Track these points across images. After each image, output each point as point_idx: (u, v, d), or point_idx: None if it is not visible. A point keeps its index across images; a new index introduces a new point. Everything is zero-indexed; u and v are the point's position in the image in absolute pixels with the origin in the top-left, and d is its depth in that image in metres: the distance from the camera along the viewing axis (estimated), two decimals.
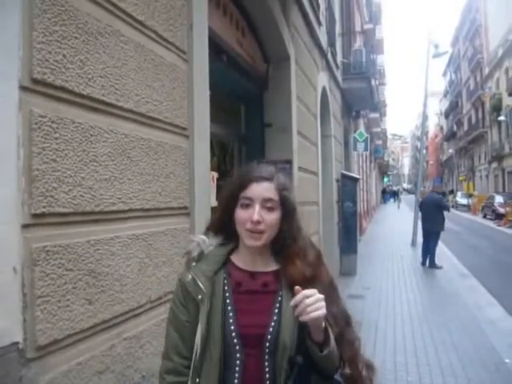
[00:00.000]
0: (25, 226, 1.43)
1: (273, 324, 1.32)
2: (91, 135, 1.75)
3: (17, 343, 1.39)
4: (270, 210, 1.33)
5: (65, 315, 1.59)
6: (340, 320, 1.37)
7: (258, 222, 1.31)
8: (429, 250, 10.64)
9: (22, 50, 1.44)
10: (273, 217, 1.34)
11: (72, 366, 1.61)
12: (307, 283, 1.29)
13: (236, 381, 1.30)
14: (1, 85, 1.39)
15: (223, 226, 1.43)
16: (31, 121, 1.46)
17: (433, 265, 10.44)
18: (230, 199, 1.38)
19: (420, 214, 11.52)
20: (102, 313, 1.79)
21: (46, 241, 1.51)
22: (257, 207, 1.32)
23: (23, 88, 1.44)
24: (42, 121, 1.50)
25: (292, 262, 1.36)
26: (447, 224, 11.34)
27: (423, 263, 10.69)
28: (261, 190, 1.33)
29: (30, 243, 1.44)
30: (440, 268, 10.24)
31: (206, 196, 2.73)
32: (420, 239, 11.53)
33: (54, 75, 1.56)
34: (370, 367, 1.41)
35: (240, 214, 1.34)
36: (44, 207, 1.50)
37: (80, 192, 1.68)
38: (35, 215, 1.47)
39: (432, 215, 10.66)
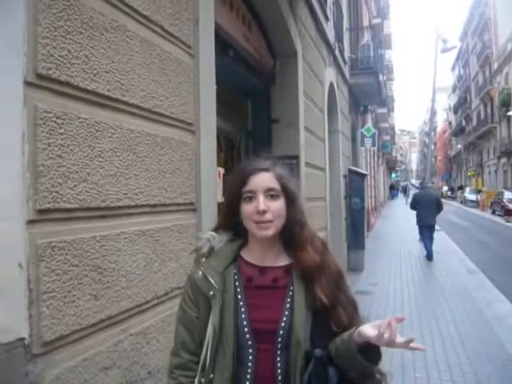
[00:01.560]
0: (30, 222, 1.43)
1: (284, 319, 1.32)
2: (96, 131, 1.75)
3: (23, 339, 1.39)
4: (274, 198, 1.34)
5: (70, 311, 1.59)
6: (349, 307, 1.38)
7: (264, 212, 1.31)
8: (431, 242, 10.97)
9: (27, 45, 1.44)
10: (278, 204, 1.34)
11: (78, 362, 1.61)
12: (318, 269, 1.34)
13: (249, 376, 1.31)
14: (5, 80, 1.39)
15: (231, 223, 1.43)
16: (36, 116, 1.46)
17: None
18: (232, 198, 1.38)
19: (417, 211, 11.41)
20: (108, 308, 1.79)
21: (52, 236, 1.51)
22: (260, 197, 1.32)
23: (28, 83, 1.44)
24: (47, 116, 1.50)
25: (304, 249, 1.37)
26: (455, 219, 11.48)
27: (429, 258, 10.69)
28: (260, 181, 1.34)
29: (35, 239, 1.44)
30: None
31: (212, 192, 2.72)
32: None
33: (59, 70, 1.55)
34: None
35: (245, 208, 1.34)
36: (49, 203, 1.50)
37: (85, 188, 1.68)
38: (40, 211, 1.47)
39: (433, 210, 10.96)
